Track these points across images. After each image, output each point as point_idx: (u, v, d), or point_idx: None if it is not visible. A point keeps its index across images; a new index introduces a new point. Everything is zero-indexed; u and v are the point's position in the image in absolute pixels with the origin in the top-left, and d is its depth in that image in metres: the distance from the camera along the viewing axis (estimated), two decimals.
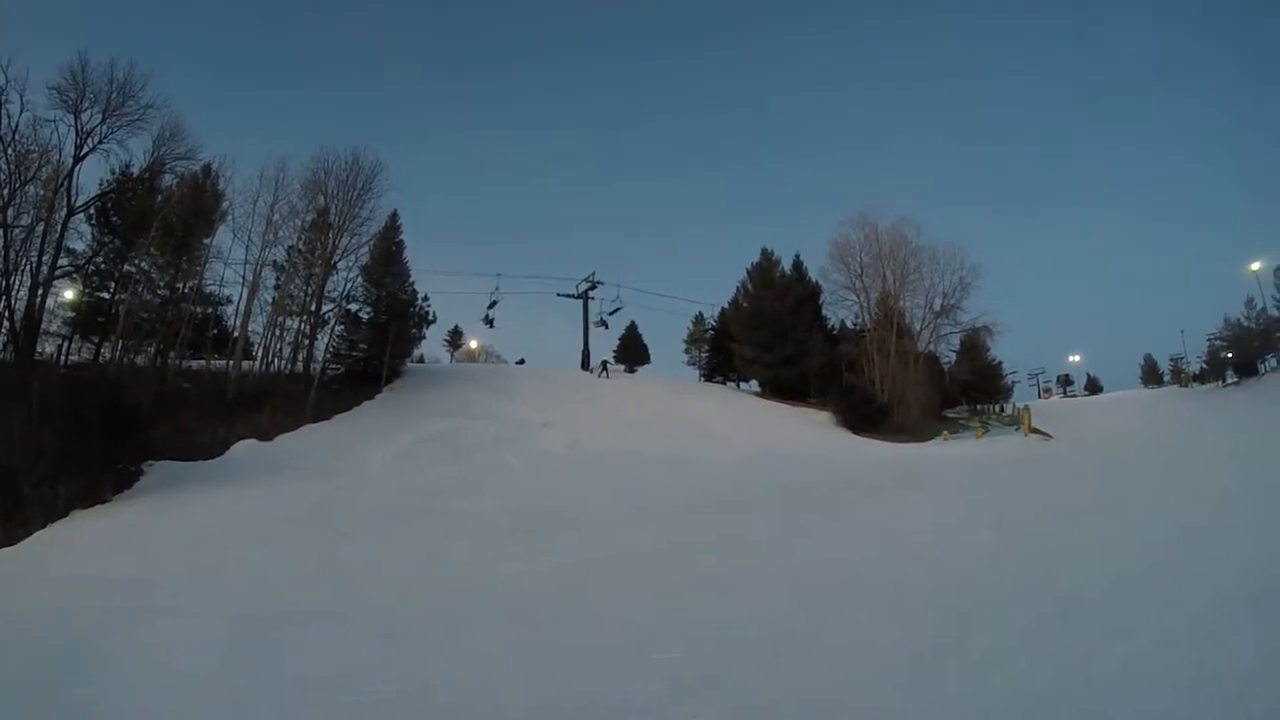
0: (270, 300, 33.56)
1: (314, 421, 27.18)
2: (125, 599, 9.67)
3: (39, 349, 26.62)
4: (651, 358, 53.98)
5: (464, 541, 13.88)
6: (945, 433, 40.56)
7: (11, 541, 13.74)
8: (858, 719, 5.53)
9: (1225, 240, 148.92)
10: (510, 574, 11.50)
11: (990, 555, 10.70)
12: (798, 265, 50.36)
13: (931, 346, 48.97)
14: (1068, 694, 5.59)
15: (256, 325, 33.32)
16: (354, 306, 35.51)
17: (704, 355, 53.37)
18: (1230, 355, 53.55)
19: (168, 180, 31.04)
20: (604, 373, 41.01)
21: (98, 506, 15.79)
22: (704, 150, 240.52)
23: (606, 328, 49.90)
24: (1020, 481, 19.40)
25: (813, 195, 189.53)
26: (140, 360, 28.49)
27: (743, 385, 50.22)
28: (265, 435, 24.28)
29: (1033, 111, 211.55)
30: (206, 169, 32.50)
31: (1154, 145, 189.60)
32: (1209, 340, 57.31)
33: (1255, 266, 52.25)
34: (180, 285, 31.20)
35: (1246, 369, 51.18)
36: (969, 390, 52.11)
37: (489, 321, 45.21)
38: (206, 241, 32.14)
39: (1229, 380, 52.56)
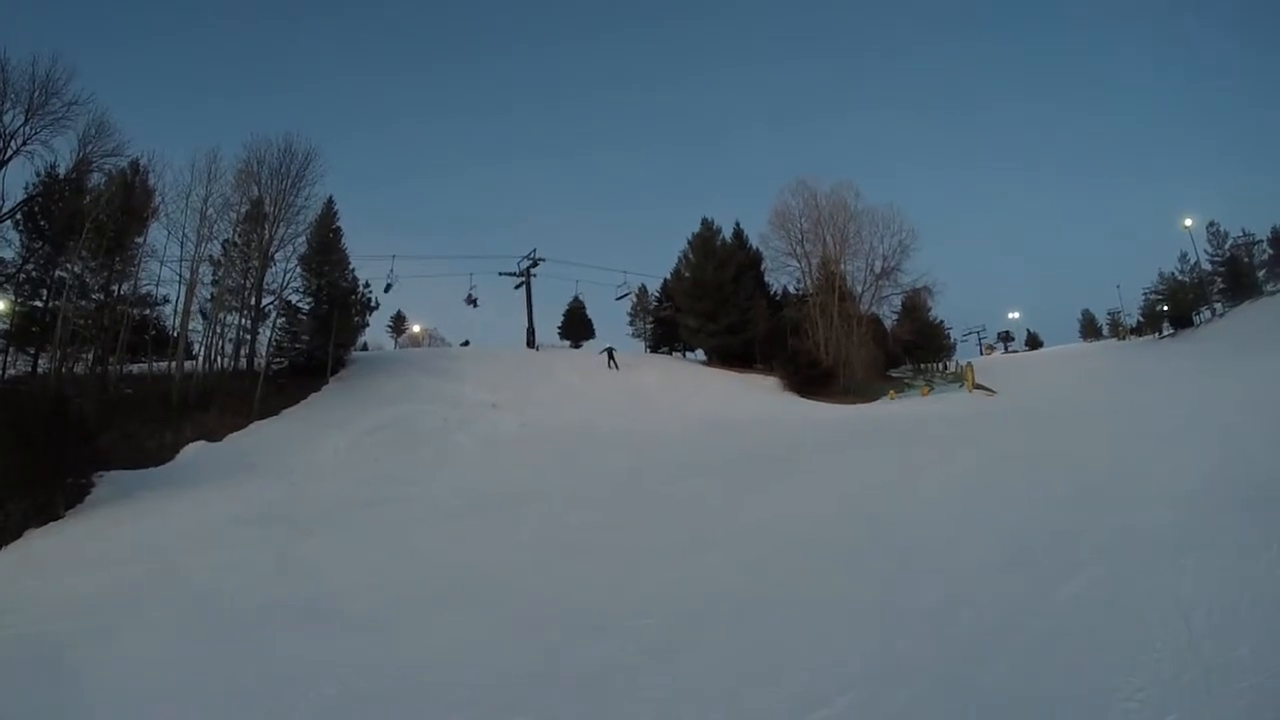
0: (209, 297, 32.87)
1: (262, 418, 26.90)
2: (92, 615, 9.69)
3: None
4: (596, 332, 53.93)
5: (423, 526, 14.26)
6: (891, 392, 41.53)
7: None
8: (829, 668, 5.84)
9: (1159, 197, 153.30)
10: (473, 554, 11.76)
11: (940, 507, 11.38)
12: (738, 234, 50.61)
13: (874, 308, 49.84)
14: (1023, 628, 6.11)
15: (196, 324, 32.61)
16: (294, 298, 34.99)
17: (649, 327, 53.74)
18: (1166, 309, 55.25)
19: (96, 179, 30.02)
20: (611, 363, 39.28)
21: (51, 524, 15.61)
22: (642, 127, 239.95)
23: (630, 296, 50.96)
24: (965, 436, 20.18)
25: (752, 170, 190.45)
26: (79, 368, 27.67)
27: (689, 355, 50.69)
28: (214, 436, 24.01)
29: (964, 74, 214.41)
30: (135, 165, 31.41)
31: (1085, 105, 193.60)
32: (1144, 294, 59.46)
33: (1188, 222, 54.40)
34: (115, 288, 30.30)
35: (1182, 321, 52.89)
36: (912, 350, 53.06)
37: (473, 302, 45.29)
38: (139, 240, 31.20)
39: (1165, 333, 54.28)
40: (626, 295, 49.07)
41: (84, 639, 8.69)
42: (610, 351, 40.04)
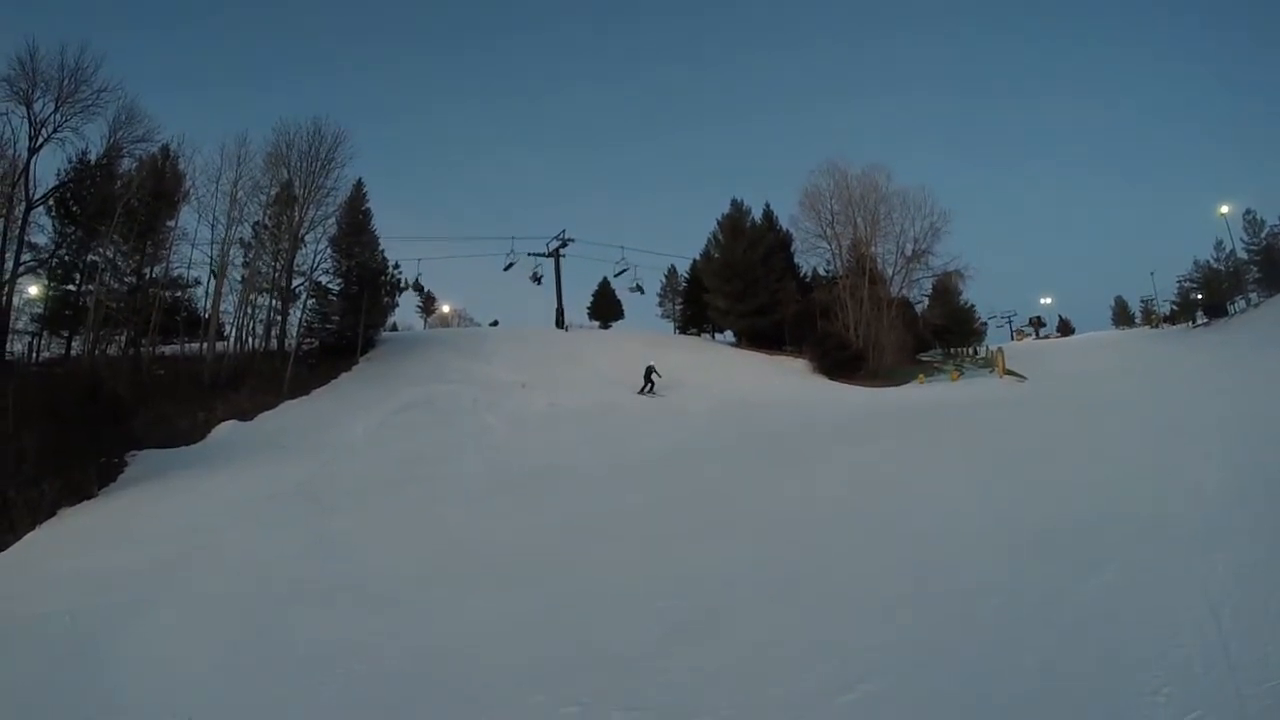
0: (240, 279, 33.24)
1: (293, 398, 27.21)
2: (124, 592, 9.74)
3: (9, 349, 26.22)
4: (625, 313, 53.87)
5: (452, 506, 14.20)
6: (920, 376, 41.02)
7: (2, 547, 13.69)
8: (857, 653, 5.81)
9: (1195, 183, 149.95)
10: (502, 534, 11.72)
11: (970, 494, 11.14)
12: (768, 215, 50.18)
13: (904, 291, 48.92)
14: (1050, 620, 5.98)
15: (227, 305, 32.97)
16: (324, 279, 35.34)
17: (678, 308, 53.49)
18: (1200, 297, 54.18)
19: (126, 165, 30.34)
20: (648, 385, 31.80)
21: (85, 503, 15.76)
22: (673, 109, 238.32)
23: (642, 292, 49.91)
24: (995, 422, 19.86)
25: (783, 152, 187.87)
26: (113, 350, 28.08)
27: (718, 336, 50.49)
28: (245, 415, 24.28)
29: (1004, 61, 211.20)
30: (165, 150, 31.79)
31: (1122, 93, 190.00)
32: (1179, 282, 57.86)
33: (1224, 210, 52.93)
34: (147, 271, 30.76)
35: (1216, 310, 51.88)
36: (942, 334, 52.18)
37: (537, 279, 45.64)
38: (170, 224, 31.62)
39: (1199, 321, 53.15)
40: (625, 272, 48.30)
41: (117, 616, 8.76)
42: (650, 371, 32.21)
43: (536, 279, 45.94)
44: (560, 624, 7.25)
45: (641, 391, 31.03)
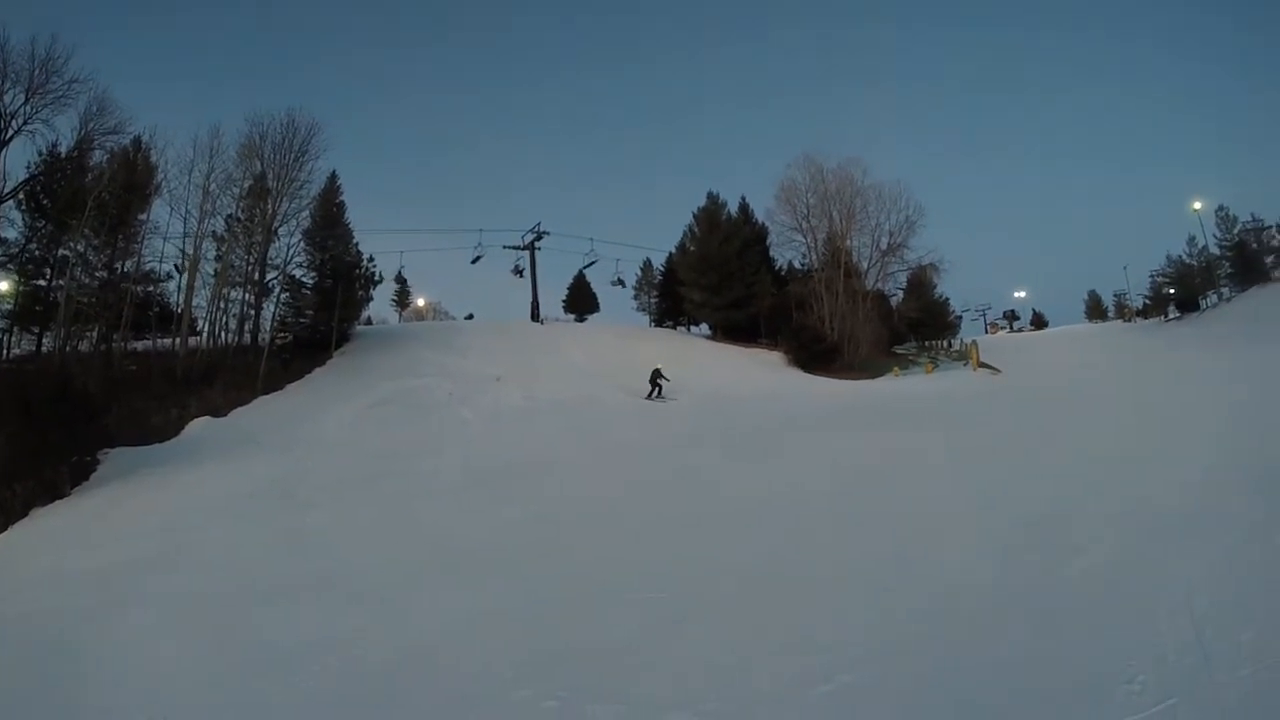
0: (212, 273, 32.88)
1: (266, 393, 27.05)
2: (99, 592, 9.66)
3: None
4: (600, 306, 54.03)
5: (429, 501, 14.11)
6: (895, 369, 41.67)
7: None
8: (836, 643, 5.89)
9: (1169, 180, 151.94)
10: (478, 529, 11.71)
11: (947, 485, 11.40)
12: (744, 208, 50.66)
13: (879, 285, 50.01)
14: (1027, 608, 6.14)
15: (200, 300, 32.56)
16: (298, 272, 35.17)
17: (654, 301, 53.69)
18: (1172, 291, 55.13)
19: (98, 157, 30.00)
20: (655, 390, 29.73)
21: (57, 502, 15.61)
22: (651, 103, 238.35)
23: (624, 285, 50.61)
24: (970, 414, 20.18)
25: (760, 146, 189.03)
26: (84, 347, 27.78)
27: (693, 329, 50.69)
28: (219, 411, 24.09)
29: (981, 56, 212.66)
30: (137, 142, 31.39)
31: (1096, 89, 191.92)
32: (1152, 276, 58.99)
33: (1197, 205, 54.02)
34: (119, 265, 30.43)
35: (1188, 304, 52.89)
36: (917, 327, 52.84)
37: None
38: (142, 217, 31.24)
39: (1171, 316, 54.25)
40: (595, 264, 48.66)
41: (92, 616, 8.68)
42: (657, 375, 30.20)
43: (518, 272, 46.12)
44: (539, 617, 7.25)
45: (649, 396, 29.22)
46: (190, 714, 5.96)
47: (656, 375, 29.99)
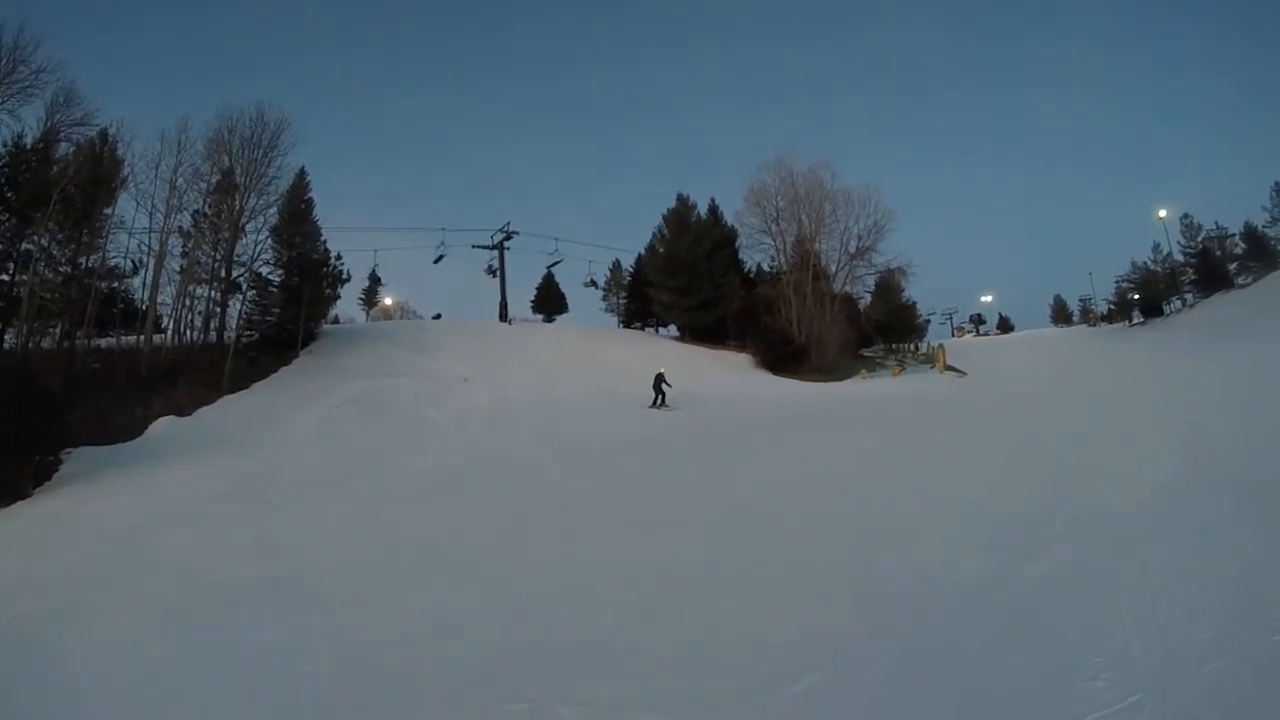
0: (178, 269, 32.52)
1: (232, 392, 26.84)
2: (63, 596, 9.47)
3: None
4: (569, 306, 54.11)
5: (396, 502, 14.08)
6: (863, 371, 42.05)
7: None
8: (806, 642, 6.00)
9: (1134, 188, 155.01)
10: (446, 529, 11.75)
11: (913, 486, 11.65)
12: (714, 210, 50.93)
13: (847, 288, 50.13)
14: (994, 607, 6.31)
15: (165, 296, 32.20)
16: (265, 269, 34.90)
17: (622, 302, 53.79)
18: (1137, 297, 56.31)
19: (64, 149, 29.64)
20: (659, 398, 28.17)
21: (19, 503, 15.36)
22: (622, 105, 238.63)
23: (597, 287, 51.71)
24: (937, 417, 20.65)
25: (730, 152, 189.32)
26: (47, 343, 27.42)
27: (661, 330, 50.92)
28: (183, 411, 23.82)
29: (948, 61, 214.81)
30: (104, 134, 30.99)
31: (1065, 95, 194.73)
32: (1117, 282, 60.12)
33: (1162, 213, 55.61)
34: (83, 260, 29.93)
35: (1152, 310, 54.14)
36: (884, 330, 53.01)
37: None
38: (108, 212, 30.79)
39: (1136, 321, 55.47)
40: (558, 264, 49.45)
41: (56, 620, 8.51)
42: (660, 381, 28.72)
43: (491, 271, 46.29)
44: (506, 618, 7.28)
45: (654, 405, 27.57)
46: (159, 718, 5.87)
47: (660, 381, 28.60)
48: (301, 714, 5.68)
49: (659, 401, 27.86)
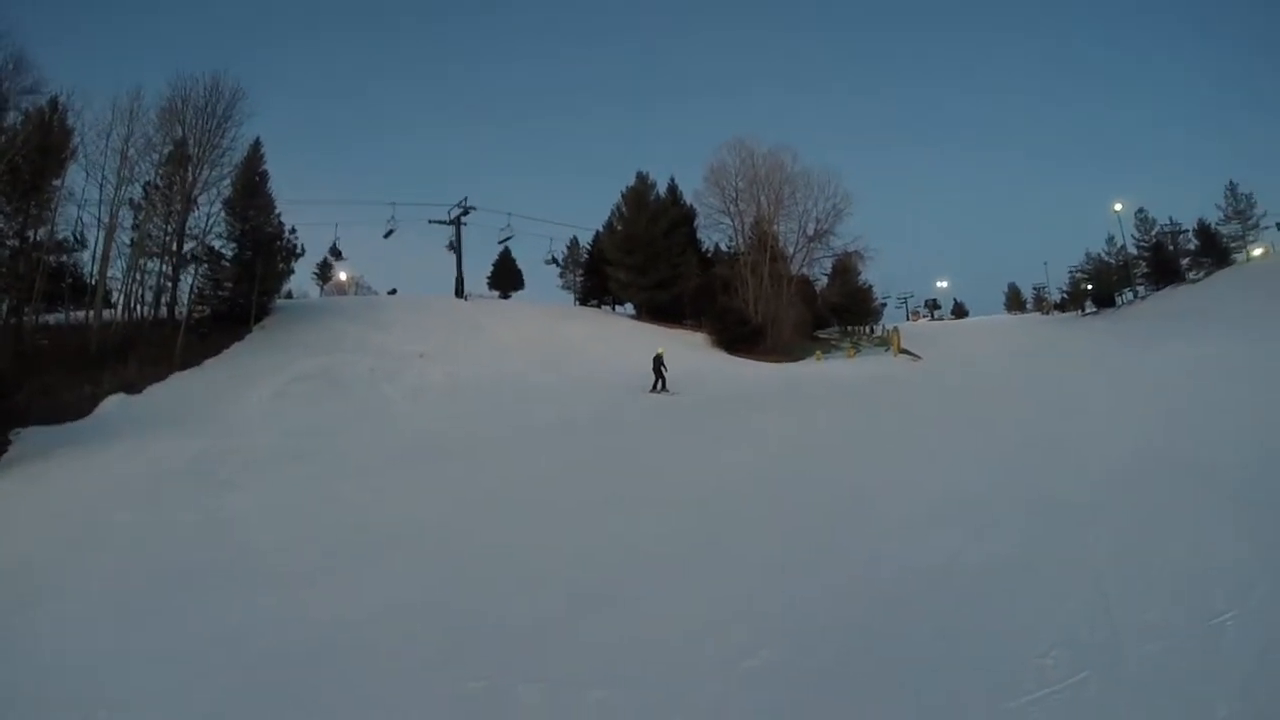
0: (129, 242, 31.89)
1: (183, 369, 26.56)
2: (9, 583, 9.38)
3: None
4: (526, 283, 54.30)
5: (350, 479, 13.93)
6: (818, 353, 42.62)
7: None
8: (760, 619, 6.15)
9: (1092, 181, 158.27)
10: (400, 508, 11.68)
11: (866, 467, 11.84)
12: (673, 189, 51.19)
13: (804, 270, 50.95)
14: (945, 586, 6.45)
15: (115, 271, 31.57)
16: (217, 243, 34.37)
17: (579, 279, 53.86)
18: (1090, 287, 58.09)
19: (12, 118, 28.62)
20: (660, 382, 26.23)
21: None
22: (583, 87, 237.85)
23: (559, 265, 52.12)
24: (891, 399, 21.10)
25: (692, 136, 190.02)
26: None
27: (618, 309, 51.20)
28: (134, 388, 23.58)
29: (909, 48, 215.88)
30: (54, 103, 30.25)
31: (1026, 88, 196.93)
32: (1071, 272, 62.34)
33: (1118, 207, 57.32)
34: (31, 233, 29.25)
35: (1104, 300, 55.94)
36: (840, 312, 54.22)
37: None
38: (56, 183, 30.09)
39: (1088, 310, 57.26)
40: (509, 239, 49.68)
41: (12, 607, 8.37)
42: (659, 363, 27.01)
43: (452, 247, 45.91)
44: (464, 597, 7.29)
45: (654, 389, 25.88)
46: (115, 704, 5.74)
47: (659, 364, 26.86)
48: (258, 696, 5.64)
49: (659, 385, 26.24)
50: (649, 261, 46.31)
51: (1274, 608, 5.33)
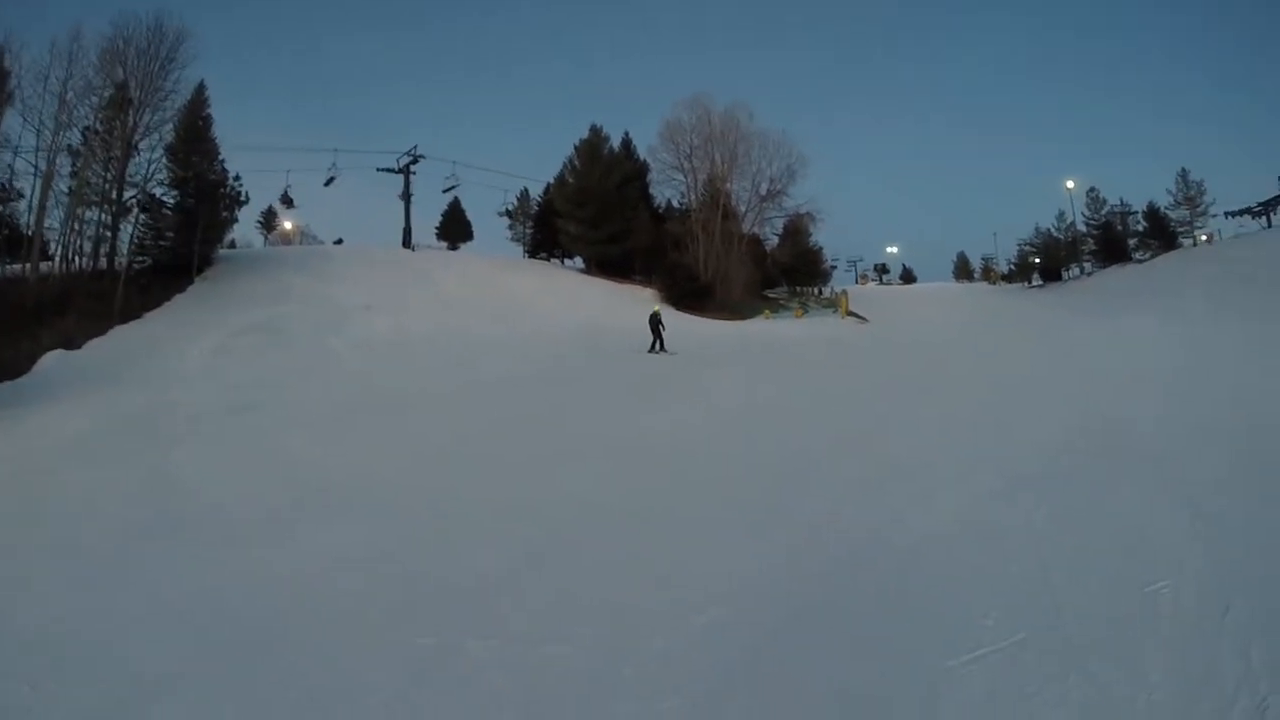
0: (66, 191, 31.05)
1: (124, 322, 26.29)
2: None
3: None
4: (475, 234, 53.93)
5: (295, 434, 13.79)
6: (766, 312, 43.41)
7: None
8: (709, 577, 6.23)
9: (1044, 154, 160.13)
10: (347, 463, 11.59)
11: (811, 427, 12.28)
12: (627, 143, 51.17)
13: (756, 229, 51.14)
14: (889, 547, 6.67)
15: (53, 221, 30.82)
16: (159, 191, 33.70)
17: (529, 232, 53.61)
18: (1038, 260, 59.86)
19: None
20: (658, 342, 25.41)
21: None
22: (537, 40, 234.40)
23: (511, 217, 51.82)
24: (838, 360, 21.96)
25: (644, 96, 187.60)
26: None
27: (567, 262, 51.13)
28: (73, 343, 23.28)
29: (870, 17, 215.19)
30: None
31: (987, 60, 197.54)
32: (1019, 245, 63.89)
33: (1070, 184, 58.57)
34: None
35: (1051, 274, 57.71)
36: (790, 273, 54.46)
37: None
38: None
39: (1034, 283, 59.09)
40: (454, 188, 49.30)
41: None
42: (657, 321, 26.32)
43: (404, 197, 45.51)
44: (414, 553, 7.31)
45: (652, 349, 25.07)
46: (65, 673, 5.51)
47: (656, 322, 26.12)
48: (208, 662, 5.49)
49: (658, 345, 25.33)
50: (601, 215, 46.20)
51: (1205, 579, 5.56)
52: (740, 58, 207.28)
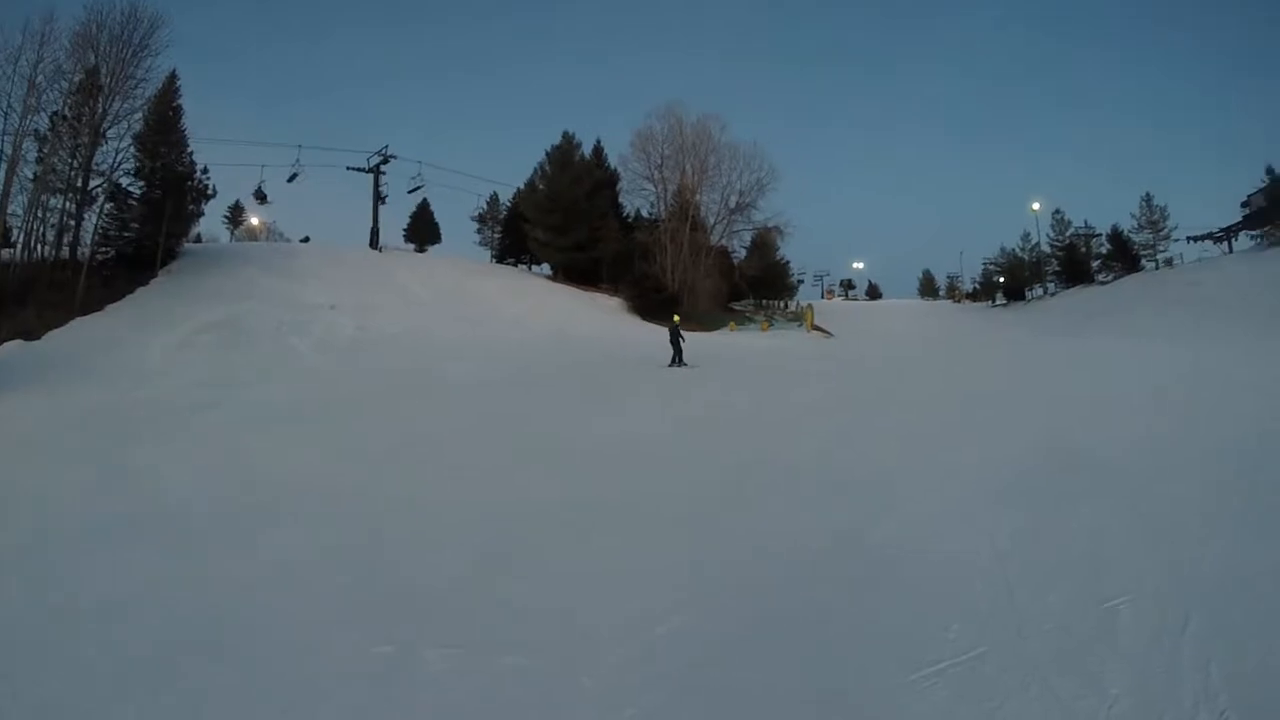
0: (31, 177, 30.48)
1: (85, 314, 26.04)
2: None
3: None
4: (443, 237, 53.83)
5: (256, 435, 13.61)
6: (732, 324, 43.98)
7: None
8: (670, 587, 6.17)
9: (1011, 176, 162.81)
10: (305, 465, 11.41)
11: (777, 438, 12.30)
12: (598, 151, 51.49)
13: (724, 241, 51.88)
14: (852, 558, 6.65)
15: (16, 207, 30.21)
16: (125, 180, 33.18)
17: (497, 236, 53.77)
18: (1002, 280, 61.08)
19: None
20: (678, 356, 23.99)
21: None
22: (509, 48, 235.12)
23: (483, 222, 51.45)
24: (802, 372, 22.01)
25: (612, 107, 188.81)
26: None
27: (534, 268, 51.29)
28: (32, 334, 23.15)
29: (847, 30, 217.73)
30: None
31: (970, 74, 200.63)
32: (985, 264, 65.61)
33: (1036, 206, 60.29)
34: None
35: (1015, 294, 58.86)
36: (757, 286, 55.07)
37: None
38: None
39: (998, 302, 60.44)
40: (419, 189, 48.77)
41: None
42: (677, 335, 24.73)
43: (373, 197, 45.39)
44: (369, 558, 7.18)
45: (673, 363, 23.78)
46: (16, 676, 5.34)
47: (675, 335, 24.75)
48: (159, 666, 5.30)
49: (677, 359, 24.05)
50: (569, 222, 46.48)
51: (1165, 594, 5.61)
52: (712, 68, 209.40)
